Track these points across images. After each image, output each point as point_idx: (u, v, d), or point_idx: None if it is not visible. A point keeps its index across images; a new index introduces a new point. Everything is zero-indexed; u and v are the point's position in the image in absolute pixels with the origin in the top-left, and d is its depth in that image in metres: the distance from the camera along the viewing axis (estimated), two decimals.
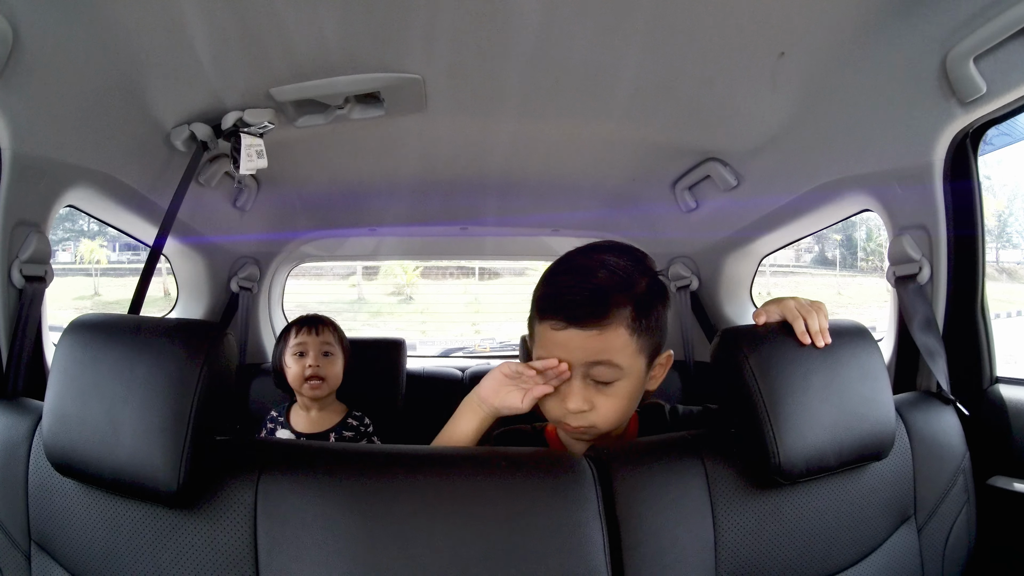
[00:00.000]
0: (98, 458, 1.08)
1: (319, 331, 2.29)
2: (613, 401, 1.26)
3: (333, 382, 2.25)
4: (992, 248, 20.75)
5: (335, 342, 2.30)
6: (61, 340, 1.16)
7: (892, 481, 1.35)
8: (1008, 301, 19.00)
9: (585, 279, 1.24)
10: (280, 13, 1.34)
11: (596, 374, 1.24)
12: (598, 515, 1.13)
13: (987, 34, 1.32)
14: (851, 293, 16.29)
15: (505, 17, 1.35)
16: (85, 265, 15.24)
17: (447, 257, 3.80)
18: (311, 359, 2.22)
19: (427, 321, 14.72)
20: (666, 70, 1.59)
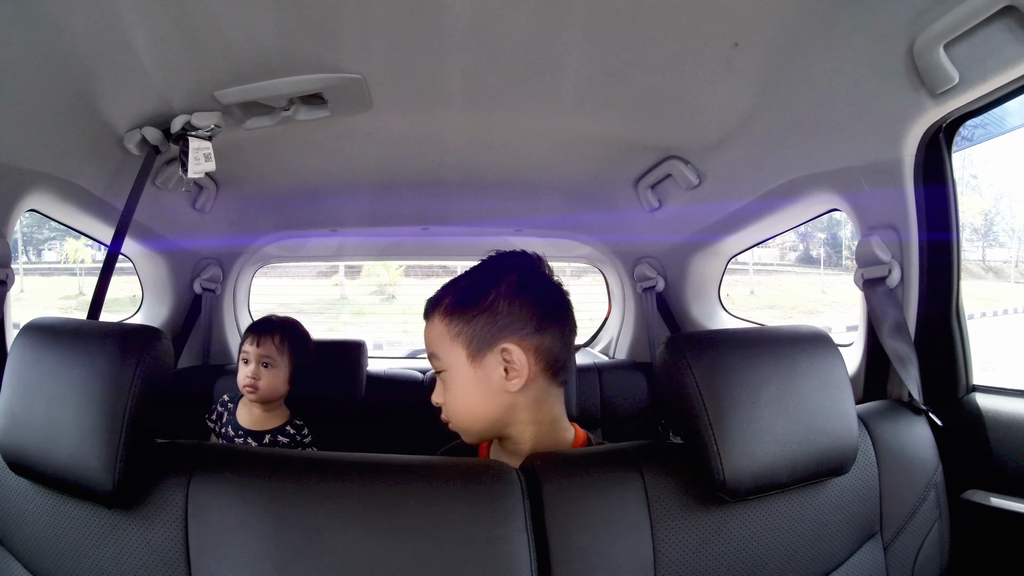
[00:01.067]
0: (41, 457, 1.10)
1: (260, 342, 2.30)
2: (452, 395, 1.28)
3: (267, 392, 2.27)
4: (979, 247, 20.82)
5: (277, 353, 2.30)
6: (14, 342, 1.18)
7: (855, 497, 1.29)
8: (995, 300, 19.17)
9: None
10: (216, 15, 1.31)
11: (433, 364, 1.31)
12: (524, 529, 1.08)
13: (959, 17, 1.24)
14: (835, 291, 16.44)
15: (438, 7, 1.31)
16: (71, 264, 15.20)
17: (411, 258, 3.78)
18: (250, 369, 2.26)
19: (408, 321, 14.74)
20: (612, 59, 1.53)
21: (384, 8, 1.31)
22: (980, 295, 20.21)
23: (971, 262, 23.40)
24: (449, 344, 1.27)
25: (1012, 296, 19.94)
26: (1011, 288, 21.34)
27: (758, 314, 15.97)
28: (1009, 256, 23.43)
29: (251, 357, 2.27)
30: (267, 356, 2.28)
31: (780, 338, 1.25)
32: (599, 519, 1.12)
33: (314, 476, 1.14)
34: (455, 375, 1.27)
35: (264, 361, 2.27)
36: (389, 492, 1.11)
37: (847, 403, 1.21)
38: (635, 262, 2.81)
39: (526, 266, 1.33)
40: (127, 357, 1.09)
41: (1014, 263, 22.90)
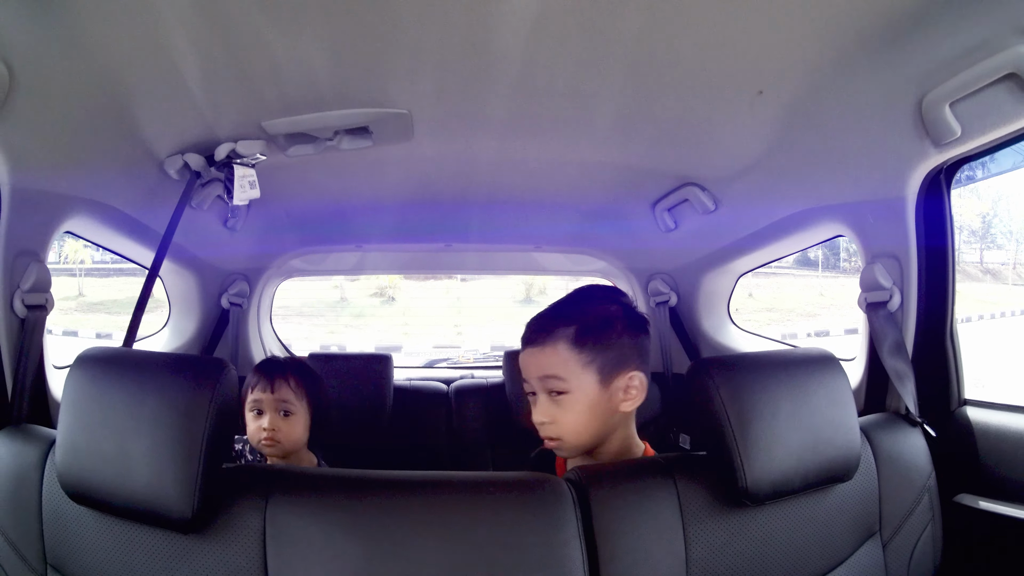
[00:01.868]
0: (111, 487, 1.14)
1: (275, 387, 2.02)
2: (571, 415, 1.38)
3: (290, 444, 2.02)
4: (976, 249, 20.74)
5: (295, 398, 2.03)
6: (70, 374, 1.21)
7: (858, 500, 1.43)
8: (993, 303, 19.09)
9: (549, 308, 1.48)
10: (271, 48, 1.37)
11: (548, 386, 1.39)
12: (577, 534, 1.20)
13: (965, 80, 1.36)
14: (833, 294, 16.49)
15: (488, 51, 1.40)
16: (69, 265, 15.11)
17: (432, 272, 3.85)
18: (267, 421, 1.99)
19: (409, 323, 14.75)
20: (645, 101, 1.64)
21: (436, 47, 1.39)
22: (978, 298, 20.25)
23: (969, 264, 23.40)
24: (580, 370, 1.38)
25: (1009, 299, 19.98)
26: (1008, 291, 21.40)
27: (756, 316, 16.03)
28: (1007, 259, 23.47)
29: (265, 406, 1.99)
30: (284, 402, 2.01)
31: (793, 360, 1.40)
32: (639, 522, 1.25)
33: (389, 493, 1.24)
34: (580, 398, 1.38)
35: (282, 409, 2.01)
36: (460, 506, 1.22)
37: (851, 417, 1.36)
38: (649, 278, 2.88)
39: (625, 299, 1.49)
40: (201, 388, 1.15)
41: (1012, 265, 22.95)
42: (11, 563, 1.26)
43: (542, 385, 1.41)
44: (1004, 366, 9.78)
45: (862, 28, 1.33)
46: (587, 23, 1.30)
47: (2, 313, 1.50)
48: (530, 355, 1.44)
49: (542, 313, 1.48)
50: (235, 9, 1.23)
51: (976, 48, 1.30)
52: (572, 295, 1.51)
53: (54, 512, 1.24)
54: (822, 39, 1.37)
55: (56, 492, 1.23)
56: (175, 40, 1.33)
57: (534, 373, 1.42)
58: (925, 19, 1.29)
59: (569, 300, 1.49)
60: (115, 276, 13.95)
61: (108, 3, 1.20)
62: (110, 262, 12.27)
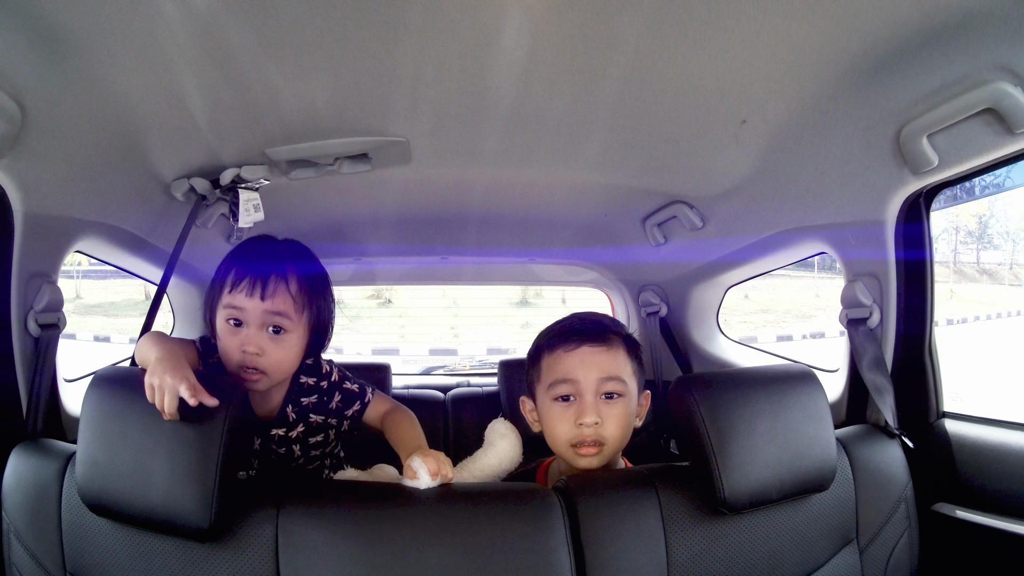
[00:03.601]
0: (131, 500, 1.22)
1: (268, 292, 1.47)
2: (617, 419, 1.49)
3: (278, 375, 1.53)
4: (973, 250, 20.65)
5: (294, 310, 1.50)
6: (87, 393, 1.29)
7: (835, 508, 1.53)
8: (989, 303, 19.07)
9: (585, 318, 1.57)
10: (275, 86, 1.43)
11: (608, 387, 1.48)
12: (565, 540, 1.31)
13: (942, 114, 1.41)
14: (830, 296, 16.52)
15: (483, 89, 1.47)
16: (67, 267, 14.99)
17: (428, 282, 3.88)
18: (252, 338, 1.47)
19: (406, 326, 14.76)
20: (633, 131, 1.71)
21: (433, 85, 1.46)
22: (975, 299, 20.25)
23: (966, 265, 23.43)
24: (630, 377, 1.52)
25: (1006, 300, 20.05)
26: (1005, 291, 21.47)
27: (752, 318, 16.06)
28: (1003, 259, 23.53)
29: (250, 317, 1.47)
30: (279, 315, 1.48)
31: (772, 377, 1.49)
32: (623, 529, 1.35)
33: (395, 503, 1.32)
34: (629, 402, 1.51)
35: (274, 324, 1.48)
36: (459, 515, 1.31)
37: (827, 432, 1.45)
38: (640, 289, 2.94)
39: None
40: (218, 410, 1.23)
41: (1008, 266, 23.02)
42: (31, 572, 1.32)
43: (599, 386, 1.48)
44: (998, 370, 9.84)
45: (841, 64, 1.38)
46: (577, 63, 1.36)
47: (17, 333, 1.55)
48: (590, 354, 1.49)
49: (584, 321, 1.55)
50: (241, 52, 1.29)
51: (954, 84, 1.35)
52: (592, 314, 1.61)
53: (73, 523, 1.31)
54: (802, 74, 1.43)
55: (75, 504, 1.30)
56: (183, 79, 1.39)
57: (594, 374, 1.48)
58: (904, 56, 1.34)
59: (601, 316, 1.60)
60: (112, 279, 13.99)
61: (118, 47, 1.26)
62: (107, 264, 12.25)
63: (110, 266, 2.16)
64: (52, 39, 1.20)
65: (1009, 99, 1.29)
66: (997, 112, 1.33)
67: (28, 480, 1.37)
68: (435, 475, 1.33)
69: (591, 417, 1.45)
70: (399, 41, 1.27)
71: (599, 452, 1.48)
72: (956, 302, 19.48)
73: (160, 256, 2.09)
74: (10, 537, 1.35)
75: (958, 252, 22.45)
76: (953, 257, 22.63)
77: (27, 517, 1.34)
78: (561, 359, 1.50)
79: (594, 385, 1.47)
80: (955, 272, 22.46)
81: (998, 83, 1.29)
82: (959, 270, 22.85)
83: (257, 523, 1.28)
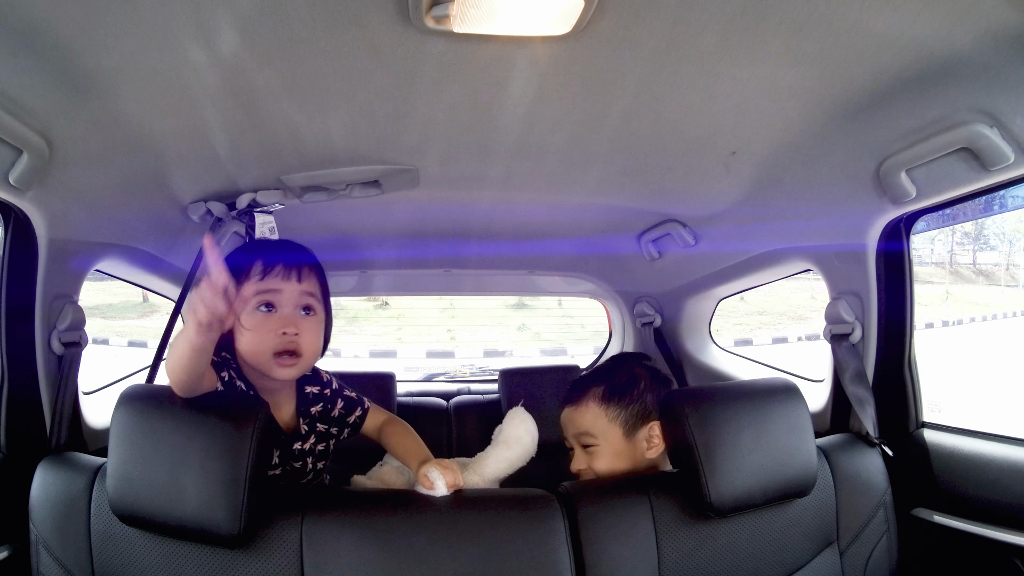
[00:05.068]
0: (164, 511, 1.29)
1: (302, 275, 1.53)
2: (601, 463, 1.67)
3: (311, 357, 1.56)
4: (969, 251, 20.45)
5: (319, 293, 1.58)
6: (116, 411, 1.35)
7: (816, 513, 1.64)
8: (985, 305, 18.97)
9: (586, 374, 1.83)
10: (293, 120, 1.51)
11: (581, 440, 1.70)
12: (566, 542, 1.42)
13: (920, 152, 1.50)
14: (826, 297, 16.51)
15: (490, 126, 1.57)
16: None
17: (431, 293, 3.96)
18: (285, 320, 1.49)
19: (403, 328, 14.77)
20: (631, 161, 1.82)
21: (444, 123, 1.56)
22: (970, 300, 20.20)
23: (962, 266, 23.37)
24: (606, 425, 1.68)
25: (1002, 301, 20.00)
26: (1001, 292, 21.43)
27: (748, 320, 16.05)
28: (1000, 260, 23.49)
29: (285, 300, 1.50)
30: (311, 296, 1.54)
31: (757, 391, 1.62)
32: (619, 532, 1.47)
33: (409, 509, 1.43)
34: (607, 449, 1.67)
35: (306, 306, 1.53)
36: (469, 520, 1.42)
37: (808, 442, 1.56)
38: (635, 301, 3.03)
39: (650, 362, 1.80)
40: (245, 426, 1.31)
41: (1004, 267, 22.98)
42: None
43: (577, 440, 1.71)
44: (989, 378, 9.83)
45: (825, 105, 1.47)
46: (578, 108, 1.47)
47: (41, 351, 1.64)
48: (567, 414, 1.74)
49: (581, 377, 1.79)
50: (264, 93, 1.38)
51: (932, 124, 1.43)
52: (606, 362, 1.82)
53: (103, 533, 1.39)
54: (788, 114, 1.53)
55: (105, 515, 1.38)
56: (206, 117, 1.47)
57: (571, 431, 1.73)
58: (885, 99, 1.41)
59: (602, 366, 1.81)
60: (108, 280, 13.88)
61: (144, 87, 1.34)
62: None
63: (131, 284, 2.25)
64: (80, 80, 1.27)
65: (985, 140, 1.37)
66: (972, 151, 1.41)
67: (56, 493, 1.45)
68: (452, 487, 1.44)
69: (575, 465, 1.71)
70: (413, 87, 1.36)
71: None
72: (952, 303, 19.50)
73: (175, 273, 2.19)
74: (39, 548, 1.41)
75: (954, 253, 22.46)
76: (950, 258, 22.64)
77: (56, 529, 1.41)
78: (562, 418, 1.77)
79: (575, 440, 1.72)
80: (951, 273, 22.47)
81: (975, 125, 1.36)
82: (955, 271, 22.85)
83: (283, 529, 1.36)
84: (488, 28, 1.12)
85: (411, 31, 1.13)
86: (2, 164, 1.33)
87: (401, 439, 1.66)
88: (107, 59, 1.22)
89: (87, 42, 1.17)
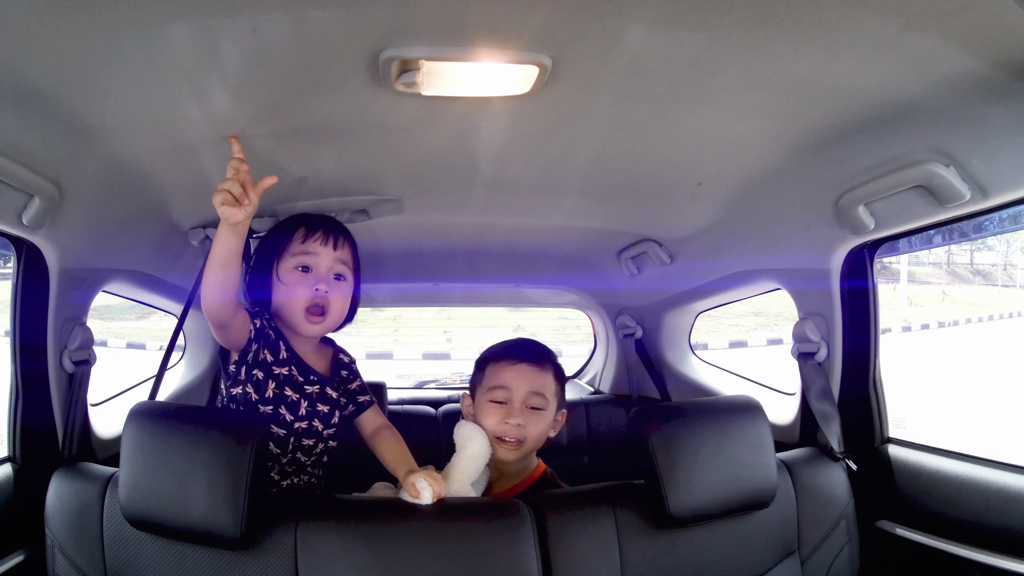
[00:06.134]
0: (173, 516, 1.41)
1: (338, 243, 1.71)
2: (536, 426, 1.79)
3: (336, 318, 1.74)
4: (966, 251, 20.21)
5: (351, 263, 1.77)
6: (127, 425, 1.48)
7: (777, 523, 1.73)
8: (982, 305, 18.87)
9: (529, 341, 1.92)
10: (284, 163, 1.65)
11: (533, 402, 1.79)
12: (534, 547, 1.53)
13: (877, 188, 1.58)
14: None
15: (468, 164, 1.69)
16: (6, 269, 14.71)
17: (423, 305, 4.02)
18: (320, 280, 1.68)
19: (399, 329, 14.84)
20: (602, 190, 1.93)
21: (423, 161, 1.69)
22: (967, 300, 19.92)
23: (959, 266, 23.31)
24: (553, 394, 1.84)
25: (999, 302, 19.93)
26: (998, 292, 21.24)
27: (743, 321, 16.05)
28: (997, 260, 23.48)
29: (322, 264, 1.69)
30: (344, 264, 1.73)
31: (720, 408, 1.73)
32: (583, 538, 1.58)
33: (394, 516, 1.55)
34: (547, 416, 1.82)
35: (338, 272, 1.72)
36: (449, 527, 1.54)
37: (768, 456, 1.65)
38: (617, 313, 3.11)
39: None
40: (246, 441, 1.43)
41: (1002, 266, 23.01)
42: None
43: (526, 400, 1.79)
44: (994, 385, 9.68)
45: (784, 145, 1.57)
46: (545, 148, 1.59)
47: (53, 370, 1.76)
48: (525, 371, 1.81)
49: (526, 343, 1.90)
50: (256, 142, 1.51)
51: (889, 162, 1.51)
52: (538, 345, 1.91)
53: (115, 537, 1.51)
54: (749, 152, 1.63)
55: (116, 520, 1.50)
56: (203, 160, 1.61)
57: (525, 388, 1.79)
58: (843, 139, 1.49)
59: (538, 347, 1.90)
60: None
61: (146, 136, 1.48)
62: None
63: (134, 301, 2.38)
64: (86, 131, 1.40)
65: (939, 179, 1.44)
66: (927, 189, 1.49)
67: (71, 501, 1.57)
68: (437, 497, 1.56)
69: (516, 419, 1.76)
70: (392, 135, 1.49)
71: (518, 448, 1.78)
72: (948, 304, 19.50)
73: (175, 291, 2.31)
74: (54, 552, 1.53)
75: (952, 253, 22.46)
76: (947, 258, 22.65)
77: (71, 533, 1.53)
78: (504, 369, 1.82)
79: (523, 396, 1.79)
80: (948, 273, 22.46)
81: (930, 164, 1.43)
82: (952, 271, 22.83)
83: (279, 534, 1.48)
84: (453, 92, 1.26)
85: (385, 93, 1.25)
86: (16, 206, 1.44)
87: (392, 446, 1.77)
88: (110, 114, 1.35)
89: (92, 100, 1.30)
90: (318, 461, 1.79)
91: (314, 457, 1.76)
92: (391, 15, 1.07)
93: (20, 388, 1.74)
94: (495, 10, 1.06)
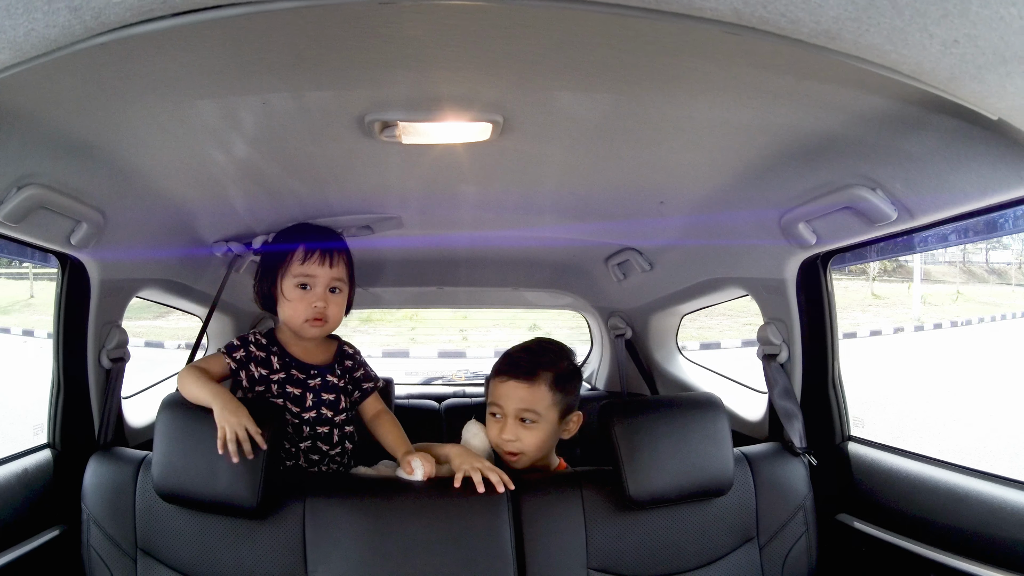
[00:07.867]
0: (200, 490, 1.63)
1: (333, 262, 1.90)
2: (533, 439, 1.86)
3: (335, 323, 1.94)
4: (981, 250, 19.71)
5: (346, 275, 1.95)
6: (160, 414, 1.71)
7: (736, 511, 1.87)
8: (995, 304, 18.52)
9: (526, 352, 1.92)
10: (296, 190, 1.90)
11: (524, 415, 1.85)
12: (508, 521, 1.71)
13: (813, 208, 1.73)
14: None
15: (454, 186, 1.93)
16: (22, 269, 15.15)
17: (428, 307, 4.17)
18: (317, 297, 1.87)
19: (416, 328, 14.94)
20: (577, 208, 2.15)
21: (415, 187, 1.93)
22: (981, 299, 19.39)
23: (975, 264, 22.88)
24: (549, 406, 1.86)
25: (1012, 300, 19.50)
26: (1012, 292, 20.84)
27: (758, 320, 15.86)
28: (1012, 258, 23.10)
29: (318, 282, 1.87)
30: (338, 279, 1.92)
31: (681, 404, 1.90)
32: (553, 516, 1.76)
33: (391, 493, 1.76)
34: (543, 426, 1.86)
35: (334, 285, 1.91)
36: (437, 503, 1.74)
37: (725, 449, 1.80)
38: (609, 314, 3.26)
39: (575, 358, 1.99)
40: (263, 425, 1.64)
41: (1018, 265, 22.64)
42: (107, 551, 1.75)
43: (517, 414, 1.85)
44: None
45: (729, 171, 1.74)
46: (518, 177, 1.83)
47: (92, 367, 2.00)
48: (513, 388, 1.86)
49: (522, 356, 1.92)
50: (272, 175, 1.78)
51: (821, 186, 1.65)
52: (538, 347, 1.95)
53: (146, 510, 1.74)
54: (701, 176, 1.82)
55: (148, 496, 1.72)
56: (227, 189, 1.86)
57: (514, 404, 1.85)
58: (780, 165, 1.65)
59: (541, 351, 1.93)
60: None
61: (179, 173, 1.73)
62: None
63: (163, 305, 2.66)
64: (129, 171, 1.66)
65: (866, 202, 1.56)
66: (855, 209, 1.62)
67: (107, 480, 1.80)
68: (428, 475, 1.78)
69: (508, 435, 1.85)
70: (385, 169, 1.75)
71: (518, 459, 1.88)
72: (962, 303, 19.24)
73: (201, 296, 2.55)
74: (90, 524, 1.76)
75: (967, 251, 22.13)
76: (962, 256, 22.35)
77: (107, 508, 1.76)
78: (497, 387, 1.90)
79: (513, 412, 1.85)
80: (963, 272, 22.13)
81: (857, 188, 1.56)
82: (967, 269, 22.48)
83: (291, 505, 1.69)
84: (427, 141, 1.50)
85: (373, 143, 1.49)
86: (65, 230, 1.68)
87: (391, 429, 1.97)
88: (148, 157, 1.61)
89: (133, 148, 1.55)
90: (339, 446, 1.95)
91: (334, 443, 1.94)
92: (371, 93, 1.32)
93: (62, 383, 1.97)
94: (452, 87, 1.30)
